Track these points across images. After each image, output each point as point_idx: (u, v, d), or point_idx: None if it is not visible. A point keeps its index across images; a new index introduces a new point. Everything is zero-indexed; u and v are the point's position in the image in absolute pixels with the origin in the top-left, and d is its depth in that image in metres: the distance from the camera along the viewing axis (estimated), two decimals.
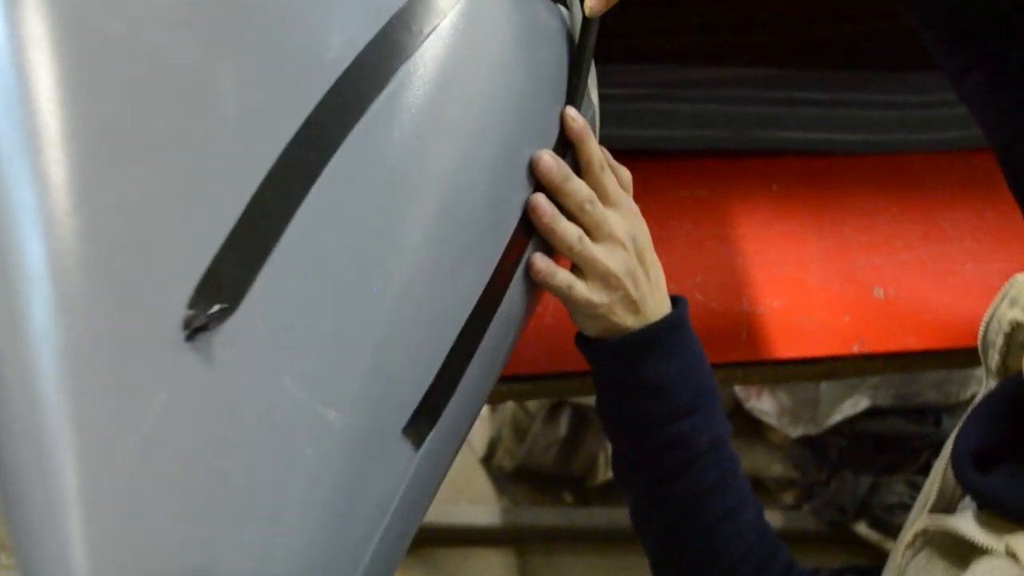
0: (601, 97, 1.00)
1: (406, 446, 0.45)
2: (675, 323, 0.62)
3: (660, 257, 0.63)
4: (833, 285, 0.89)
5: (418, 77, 0.47)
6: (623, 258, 0.59)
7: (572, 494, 1.65)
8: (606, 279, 0.58)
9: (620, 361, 0.61)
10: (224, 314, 0.40)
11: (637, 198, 0.97)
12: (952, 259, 0.92)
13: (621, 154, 1.00)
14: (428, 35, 0.48)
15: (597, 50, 0.60)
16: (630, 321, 0.60)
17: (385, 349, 0.44)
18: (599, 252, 0.58)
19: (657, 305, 0.62)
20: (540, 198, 0.54)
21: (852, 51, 1.01)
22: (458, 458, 1.66)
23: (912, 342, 0.83)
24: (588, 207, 0.57)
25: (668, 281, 0.73)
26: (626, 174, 0.65)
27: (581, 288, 0.58)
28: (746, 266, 0.91)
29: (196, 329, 0.40)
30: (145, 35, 0.44)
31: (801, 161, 1.01)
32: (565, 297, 0.58)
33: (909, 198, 0.98)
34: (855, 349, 0.82)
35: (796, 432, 1.52)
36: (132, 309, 0.40)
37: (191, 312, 0.40)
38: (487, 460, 1.64)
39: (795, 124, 1.00)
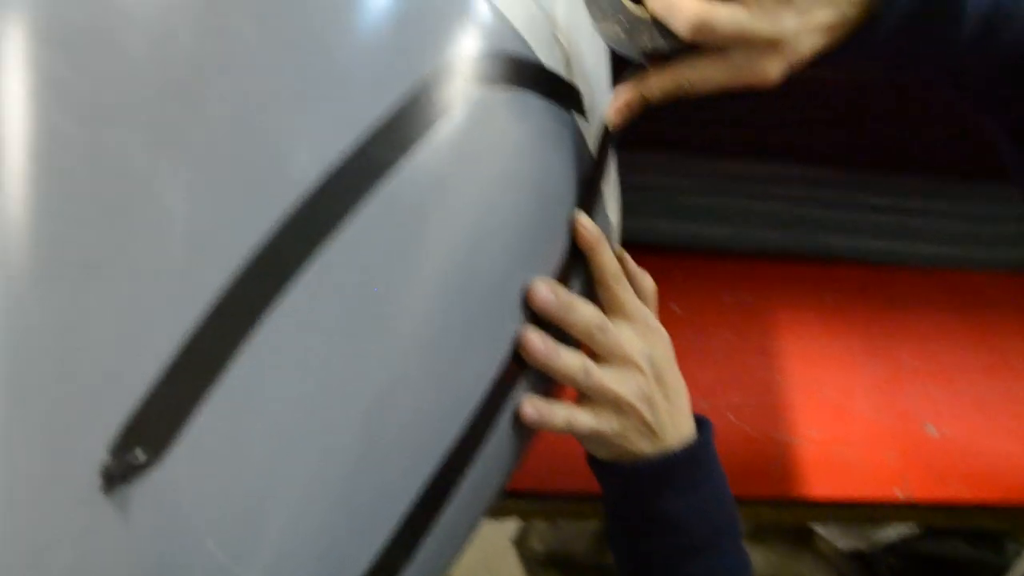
0: (642, 187, 0.95)
1: None
2: (695, 452, 0.56)
3: (693, 370, 0.57)
4: (881, 417, 0.81)
5: (397, 197, 0.42)
6: (637, 382, 0.53)
7: None
8: (617, 406, 0.53)
9: (632, 490, 0.56)
10: (146, 465, 0.36)
11: (675, 298, 0.92)
12: (1018, 399, 0.83)
13: (660, 249, 0.95)
14: (412, 149, 0.43)
15: (641, 137, 0.56)
16: (646, 447, 0.54)
17: (329, 513, 0.39)
18: (609, 379, 0.52)
19: (677, 429, 0.56)
20: (530, 335, 0.49)
21: (920, 155, 0.95)
22: (490, 537, 1.59)
23: (963, 491, 0.75)
24: (599, 335, 0.52)
25: (699, 398, 0.67)
26: (649, 284, 0.59)
27: (585, 420, 0.52)
28: (786, 388, 0.84)
29: (114, 480, 0.36)
30: (100, 137, 0.40)
31: (858, 271, 0.95)
32: (568, 433, 0.53)
33: (974, 323, 0.90)
34: (897, 493, 0.75)
35: (846, 545, 1.43)
36: (50, 452, 0.36)
37: (110, 461, 0.36)
38: (520, 542, 1.58)
39: (854, 230, 0.94)
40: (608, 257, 0.54)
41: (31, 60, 0.41)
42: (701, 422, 0.58)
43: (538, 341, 0.49)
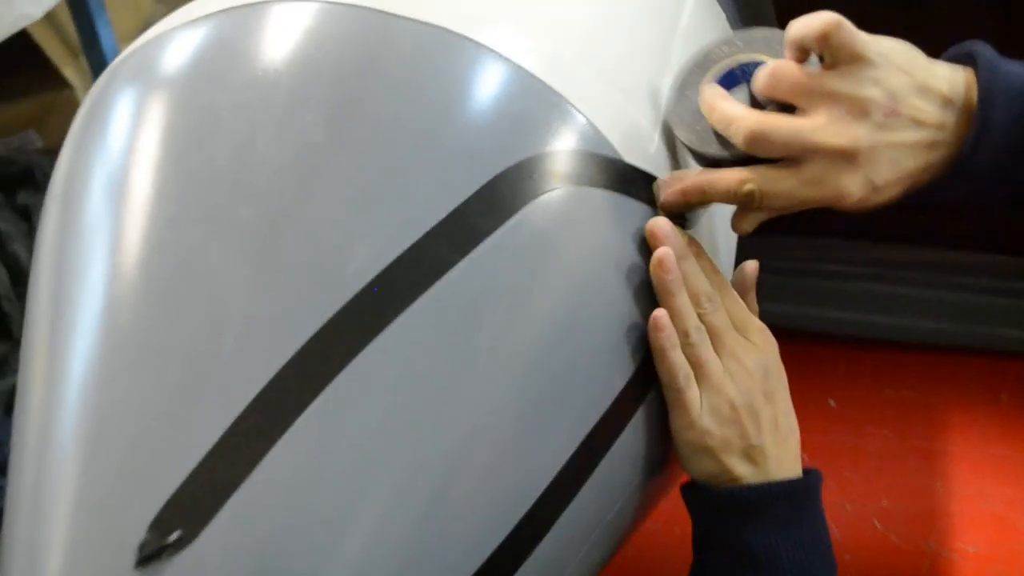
0: (806, 273, 0.91)
1: None
2: (801, 491, 0.51)
3: (843, 470, 0.53)
4: None
5: (449, 298, 0.43)
6: (746, 387, 0.49)
7: None
8: (720, 404, 0.49)
9: (723, 517, 0.51)
10: (180, 544, 0.38)
11: (832, 391, 0.87)
12: None
13: (823, 338, 0.90)
14: (473, 248, 0.43)
15: (806, 221, 0.54)
16: (744, 471, 0.50)
17: None
18: (716, 366, 0.49)
19: (780, 462, 0.51)
20: (664, 252, 0.47)
21: None
22: None
23: None
24: (707, 304, 0.49)
25: (845, 501, 0.63)
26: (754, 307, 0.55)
27: (694, 397, 0.49)
28: (946, 494, 0.76)
29: (149, 556, 0.38)
30: (182, 237, 0.43)
31: None
32: (674, 393, 0.49)
33: None
34: None
35: None
36: (100, 522, 0.39)
37: (147, 537, 0.38)
38: None
39: None
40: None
41: (150, 161, 0.46)
42: (809, 471, 0.53)
43: (670, 256, 0.47)
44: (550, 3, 0.54)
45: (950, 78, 0.47)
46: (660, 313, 0.48)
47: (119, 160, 0.48)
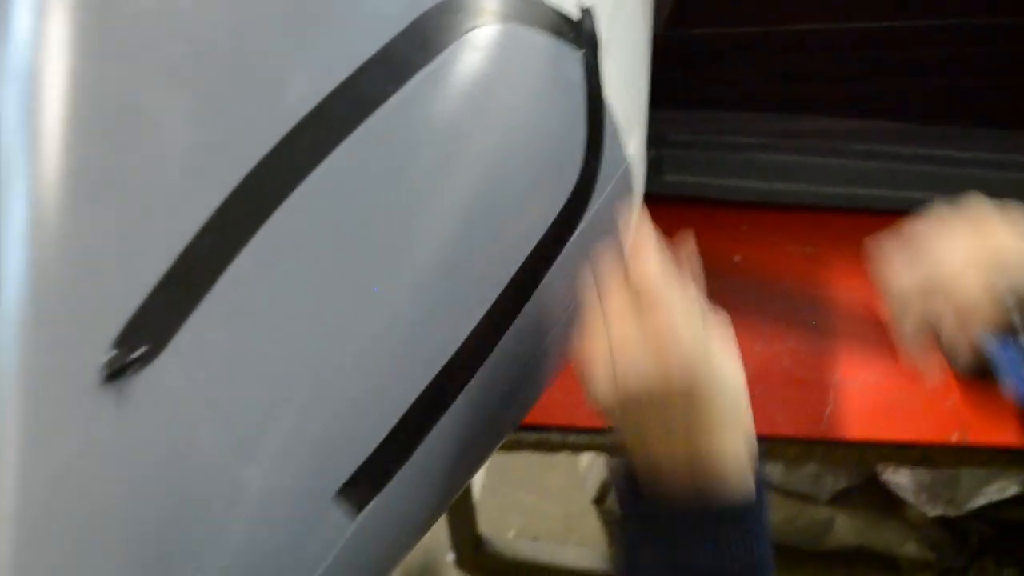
0: (712, 145, 0.94)
1: (338, 512, 0.42)
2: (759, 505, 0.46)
3: (751, 315, 0.53)
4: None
5: (386, 129, 0.44)
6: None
7: None
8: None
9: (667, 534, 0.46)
10: (147, 358, 0.39)
11: (739, 249, 0.91)
12: None
13: (730, 205, 0.94)
14: (406, 82, 0.45)
15: (709, 95, 0.55)
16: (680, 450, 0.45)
17: (320, 404, 0.41)
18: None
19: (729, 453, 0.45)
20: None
21: (1003, 105, 0.90)
22: (572, 496, 1.58)
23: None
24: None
25: (756, 341, 0.65)
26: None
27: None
28: (847, 334, 0.82)
29: (115, 372, 0.38)
30: (110, 73, 0.43)
31: None
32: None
33: None
34: (955, 438, 0.73)
35: (934, 511, 1.38)
36: (60, 347, 0.39)
37: (113, 353, 0.38)
38: (599, 501, 1.58)
39: (929, 184, 0.91)
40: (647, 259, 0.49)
41: (69, 6, 0.44)
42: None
43: None
44: None
45: None
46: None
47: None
